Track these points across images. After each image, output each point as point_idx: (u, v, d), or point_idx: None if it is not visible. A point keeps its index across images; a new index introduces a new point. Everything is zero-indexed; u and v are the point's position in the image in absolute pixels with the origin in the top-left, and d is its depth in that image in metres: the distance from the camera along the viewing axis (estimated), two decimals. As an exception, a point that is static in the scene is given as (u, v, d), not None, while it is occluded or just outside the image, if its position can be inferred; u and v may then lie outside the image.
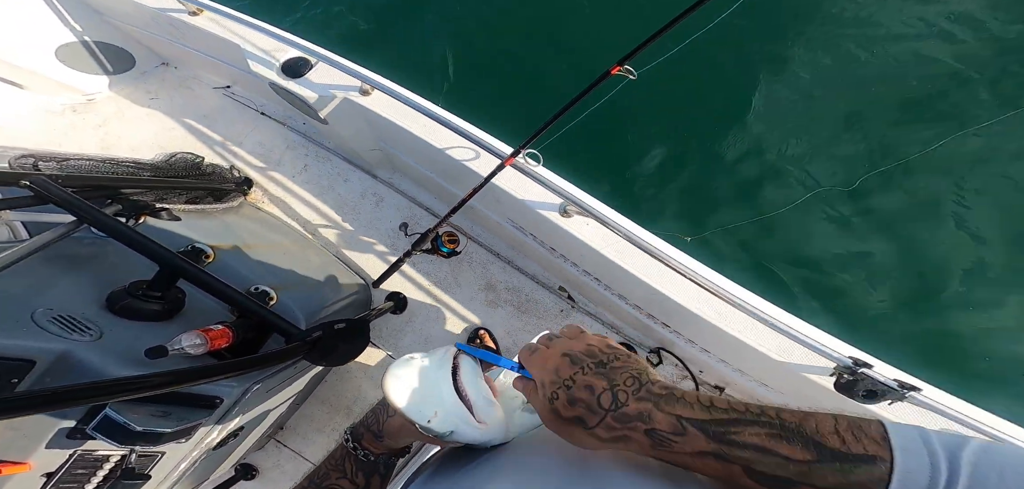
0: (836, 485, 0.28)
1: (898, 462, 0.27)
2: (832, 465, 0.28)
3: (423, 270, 1.73)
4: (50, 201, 0.90)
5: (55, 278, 0.91)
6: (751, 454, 0.30)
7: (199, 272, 0.98)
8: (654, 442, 0.32)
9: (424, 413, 0.37)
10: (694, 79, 2.27)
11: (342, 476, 0.46)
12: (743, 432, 0.30)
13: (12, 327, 0.74)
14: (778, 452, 0.29)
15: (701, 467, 0.31)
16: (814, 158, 2.21)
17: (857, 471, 0.27)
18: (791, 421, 0.30)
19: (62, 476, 0.84)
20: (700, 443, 0.31)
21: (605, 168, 2.22)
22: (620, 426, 0.33)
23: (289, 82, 1.31)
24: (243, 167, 1.83)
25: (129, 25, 1.79)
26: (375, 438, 0.47)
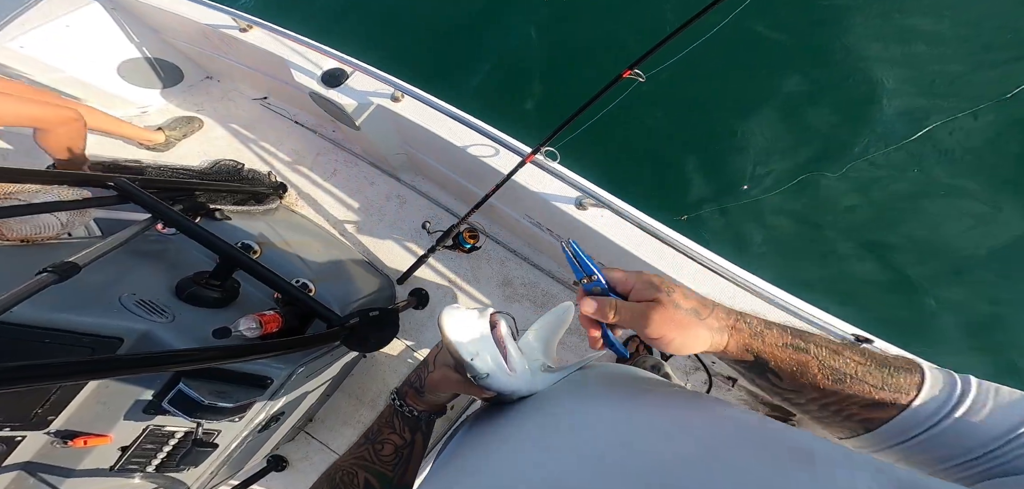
0: (881, 383, 0.36)
1: (928, 373, 0.36)
2: (878, 369, 0.37)
3: (443, 267, 1.82)
4: (132, 200, 1.02)
5: (132, 268, 1.04)
6: (822, 352, 0.38)
7: (255, 263, 1.09)
8: (752, 332, 0.40)
9: (470, 351, 0.43)
10: (702, 80, 2.32)
11: (392, 431, 0.51)
12: (816, 337, 0.40)
13: (105, 309, 0.87)
14: (841, 353, 0.38)
15: (786, 357, 0.39)
16: (819, 152, 2.22)
17: (898, 374, 0.36)
18: (844, 344, 0.40)
19: (135, 451, 0.94)
20: (784, 337, 0.40)
21: (618, 165, 2.29)
22: (726, 318, 0.40)
23: (329, 91, 1.44)
24: (279, 172, 1.97)
25: (182, 42, 1.96)
26: (417, 394, 0.52)
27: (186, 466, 1.05)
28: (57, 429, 0.82)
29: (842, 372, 0.37)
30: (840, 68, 2.30)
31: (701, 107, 2.35)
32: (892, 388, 0.36)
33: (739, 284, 1.08)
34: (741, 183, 2.22)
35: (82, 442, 0.85)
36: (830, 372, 0.37)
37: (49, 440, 0.82)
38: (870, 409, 0.37)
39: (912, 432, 0.35)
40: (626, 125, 2.33)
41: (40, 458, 0.83)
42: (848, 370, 0.37)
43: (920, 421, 0.35)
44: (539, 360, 0.52)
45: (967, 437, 0.33)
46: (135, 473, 0.97)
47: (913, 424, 0.35)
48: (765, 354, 0.39)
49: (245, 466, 1.50)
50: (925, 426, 0.34)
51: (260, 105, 2.10)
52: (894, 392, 0.36)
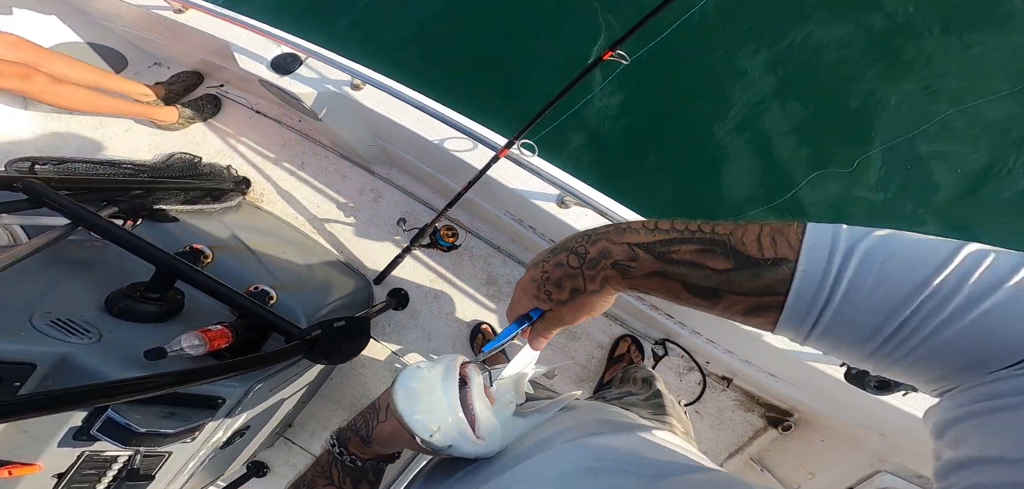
0: (751, 289, 0.30)
1: (801, 262, 0.29)
2: (746, 271, 0.30)
3: (424, 265, 1.73)
4: (44, 204, 0.89)
5: (54, 281, 0.91)
6: (685, 269, 0.33)
7: (196, 273, 0.98)
8: (621, 272, 0.36)
9: (428, 428, 0.37)
10: (687, 63, 2.22)
11: (329, 483, 0.45)
12: (679, 249, 0.33)
13: (12, 331, 0.75)
14: (705, 265, 0.32)
15: (654, 288, 0.35)
16: (813, 138, 2.17)
17: (765, 274, 0.30)
18: (722, 233, 0.32)
19: (73, 476, 0.85)
20: (650, 264, 0.34)
21: (600, 157, 2.19)
22: (595, 272, 0.37)
23: (280, 79, 1.30)
24: (240, 166, 1.82)
25: (118, 25, 1.78)
26: (363, 443, 0.45)
27: (139, 486, 0.96)
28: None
29: (709, 289, 0.32)
30: (836, 52, 2.22)
31: (689, 92, 2.26)
32: (761, 291, 0.30)
33: None
34: (739, 176, 2.14)
35: (7, 472, 0.75)
36: (699, 292, 0.33)
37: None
38: (752, 316, 0.32)
39: (799, 332, 0.30)
40: (609, 113, 2.22)
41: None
42: (713, 284, 0.32)
43: (797, 323, 0.29)
44: (512, 402, 0.47)
45: (858, 323, 0.27)
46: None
47: (793, 325, 0.30)
48: (636, 288, 0.37)
49: (224, 474, 1.42)
50: (806, 325, 0.29)
51: (216, 93, 1.94)
52: (763, 295, 0.30)
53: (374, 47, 2.55)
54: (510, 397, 0.47)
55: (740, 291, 0.31)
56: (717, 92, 2.24)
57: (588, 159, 2.11)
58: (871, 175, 2.10)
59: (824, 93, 2.21)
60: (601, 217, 1.07)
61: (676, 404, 0.80)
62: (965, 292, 0.24)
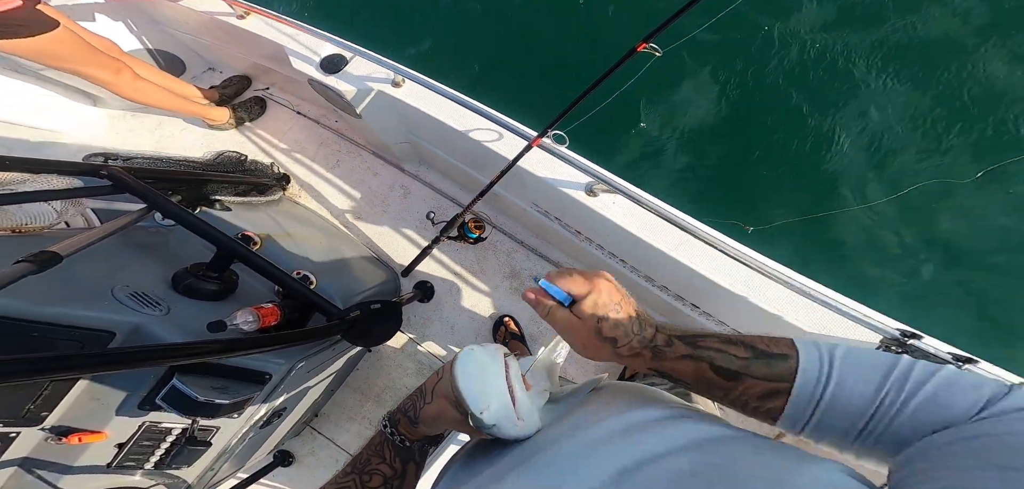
0: (766, 375, 0.39)
1: (801, 357, 0.39)
2: (761, 361, 0.40)
3: (449, 259, 1.78)
4: (126, 190, 0.99)
5: (126, 261, 1.01)
6: (712, 353, 0.41)
7: (252, 255, 1.06)
8: (655, 355, 0.43)
9: (480, 404, 0.40)
10: (722, 57, 2.17)
11: (381, 461, 0.48)
12: (707, 341, 0.42)
13: (96, 301, 0.83)
14: (728, 351, 0.41)
15: (681, 368, 0.43)
16: (857, 141, 2.08)
17: (776, 365, 0.39)
18: (734, 337, 0.43)
19: (131, 447, 0.92)
20: (681, 349, 0.42)
21: (631, 151, 2.16)
22: (639, 347, 0.43)
23: (328, 77, 1.39)
24: (282, 164, 1.94)
25: (181, 32, 1.94)
26: (411, 424, 0.48)
27: (185, 464, 1.03)
28: (51, 426, 0.80)
29: (732, 371, 0.40)
30: (891, 49, 2.11)
31: (725, 86, 2.19)
32: (775, 378, 0.39)
33: (762, 272, 1.00)
34: (779, 181, 2.06)
35: (77, 439, 0.83)
36: (723, 372, 0.41)
37: (43, 436, 0.81)
38: (765, 400, 0.39)
39: (804, 417, 0.38)
40: (640, 106, 2.20)
41: (36, 454, 0.82)
42: (735, 367, 0.40)
43: (803, 407, 0.38)
44: (546, 390, 0.49)
45: (846, 412, 0.36)
46: (134, 470, 0.96)
47: (800, 410, 0.38)
48: (667, 371, 0.43)
49: (250, 461, 1.49)
50: (809, 411, 0.37)
51: (263, 96, 2.07)
52: (777, 381, 0.39)
53: (409, 46, 2.65)
54: (545, 385, 0.49)
55: (757, 376, 0.39)
56: (752, 87, 2.17)
57: (619, 152, 2.10)
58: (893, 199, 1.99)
59: (865, 87, 2.12)
60: (631, 204, 1.08)
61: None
62: (912, 380, 0.34)
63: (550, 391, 0.49)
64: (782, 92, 2.17)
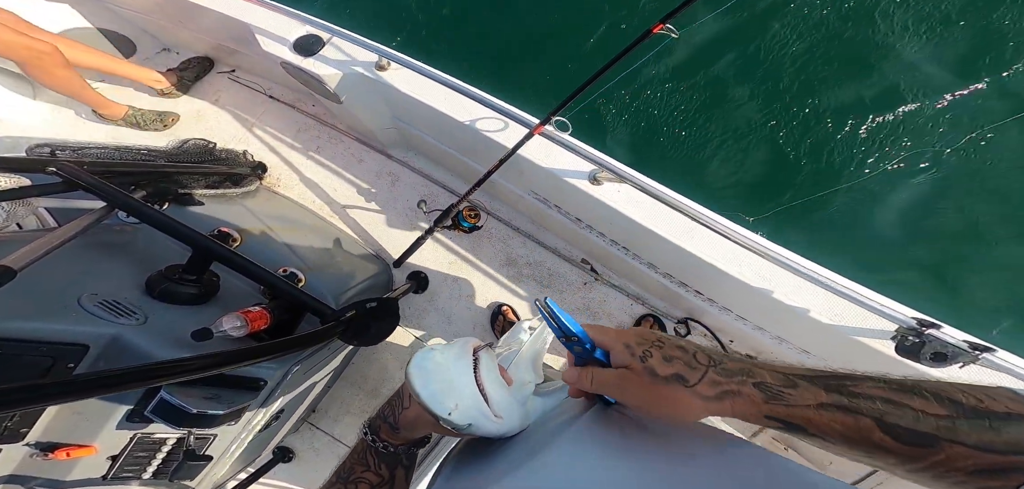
0: (986, 444, 0.26)
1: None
2: (977, 421, 0.26)
3: (443, 248, 1.73)
4: (79, 187, 0.89)
5: (91, 265, 0.91)
6: (882, 405, 0.28)
7: (233, 254, 0.98)
8: (767, 396, 0.30)
9: (445, 406, 0.38)
10: (736, 39, 2.08)
11: (366, 469, 0.46)
12: (861, 385, 0.29)
13: (62, 312, 0.75)
14: (912, 405, 0.27)
15: (826, 422, 0.29)
16: (875, 123, 2.08)
17: (1007, 429, 0.26)
18: (908, 381, 0.28)
19: (125, 459, 0.87)
20: (818, 395, 0.29)
21: (638, 137, 2.08)
22: (725, 380, 0.31)
23: (303, 60, 1.27)
24: (255, 151, 1.80)
25: (129, 9, 1.73)
26: (392, 430, 0.46)
27: (186, 478, 0.98)
28: (35, 441, 0.75)
29: (920, 433, 0.27)
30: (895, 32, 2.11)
31: (736, 69, 2.11)
32: (1006, 448, 0.26)
33: (770, 258, 1.01)
34: (790, 167, 2.03)
35: (65, 454, 0.78)
36: (902, 434, 0.27)
37: (29, 452, 0.75)
38: (984, 478, 0.27)
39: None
40: (644, 93, 2.09)
41: (24, 470, 0.77)
42: (927, 429, 0.27)
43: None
44: (530, 382, 0.47)
45: None
46: (131, 480, 0.91)
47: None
48: (796, 419, 0.30)
49: (253, 460, 1.45)
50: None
51: (228, 79, 1.90)
52: (1010, 454, 0.26)
53: (401, 25, 2.45)
54: (528, 377, 0.48)
55: (972, 443, 0.26)
56: (767, 72, 2.12)
57: (624, 139, 2.02)
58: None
59: (883, 74, 2.11)
60: (636, 192, 1.07)
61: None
62: None
63: (533, 383, 0.48)
64: (795, 73, 2.12)
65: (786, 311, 0.98)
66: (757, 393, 0.31)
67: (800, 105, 2.13)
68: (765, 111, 2.14)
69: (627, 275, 1.56)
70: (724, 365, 0.32)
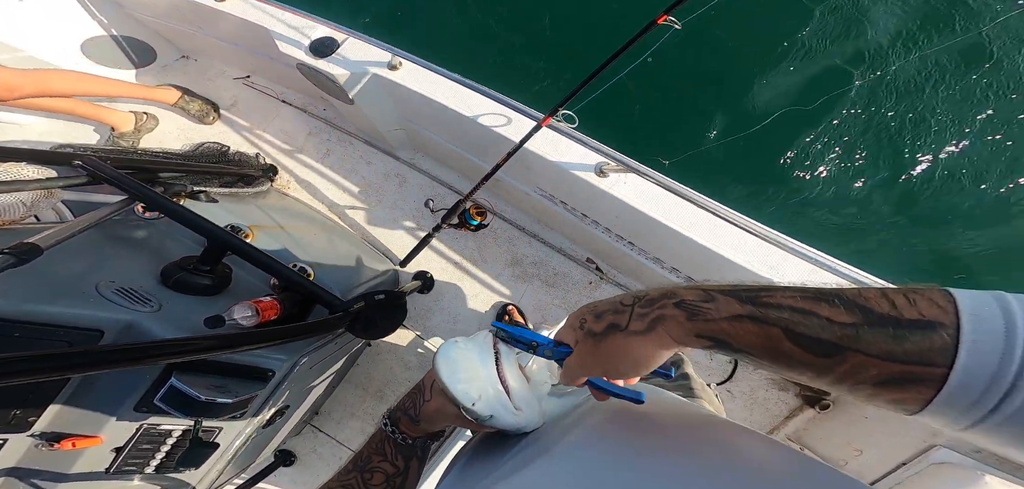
0: (891, 353, 0.24)
1: (965, 328, 0.22)
2: (881, 329, 0.24)
3: (448, 248, 1.74)
4: (105, 180, 0.91)
5: (109, 255, 0.93)
6: (789, 314, 0.27)
7: (247, 246, 1.00)
8: (687, 314, 0.30)
9: (470, 396, 0.39)
10: (741, 28, 2.09)
11: (383, 459, 0.47)
12: (775, 295, 0.28)
13: (80, 298, 0.77)
14: (817, 313, 0.26)
15: (740, 334, 0.28)
16: (878, 122, 2.08)
17: (911, 337, 0.23)
18: (830, 289, 0.27)
19: (130, 451, 0.87)
20: (733, 307, 0.29)
21: (643, 131, 2.10)
22: (650, 309, 0.32)
23: (318, 61, 1.32)
24: (267, 154, 1.85)
25: (150, 17, 1.80)
26: (412, 422, 0.47)
27: (188, 467, 0.98)
28: (41, 431, 0.75)
29: (823, 342, 0.26)
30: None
31: (740, 59, 2.12)
32: (908, 357, 0.24)
33: (783, 247, 1.00)
34: (787, 147, 2.04)
35: (70, 444, 0.78)
36: (810, 346, 0.26)
37: (34, 443, 0.75)
38: (887, 388, 0.25)
39: (972, 416, 0.23)
40: (652, 85, 2.10)
41: (27, 463, 0.77)
42: (830, 337, 0.25)
43: (971, 403, 0.23)
44: (547, 382, 0.47)
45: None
46: (133, 474, 0.90)
47: (965, 406, 0.23)
48: (716, 334, 0.29)
49: (253, 462, 1.44)
50: (984, 409, 0.22)
51: (243, 84, 1.96)
52: (912, 363, 0.24)
53: (410, 27, 2.51)
54: (545, 376, 0.48)
55: (874, 353, 0.24)
56: (778, 57, 2.11)
57: (630, 131, 2.04)
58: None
59: (884, 70, 2.11)
60: (642, 182, 1.07)
61: (706, 387, 0.80)
62: None
63: (549, 383, 0.48)
64: (804, 62, 2.13)
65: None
66: (680, 312, 0.30)
67: (812, 91, 2.11)
68: (770, 97, 2.13)
69: (633, 273, 1.55)
70: (648, 296, 0.33)
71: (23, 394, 0.70)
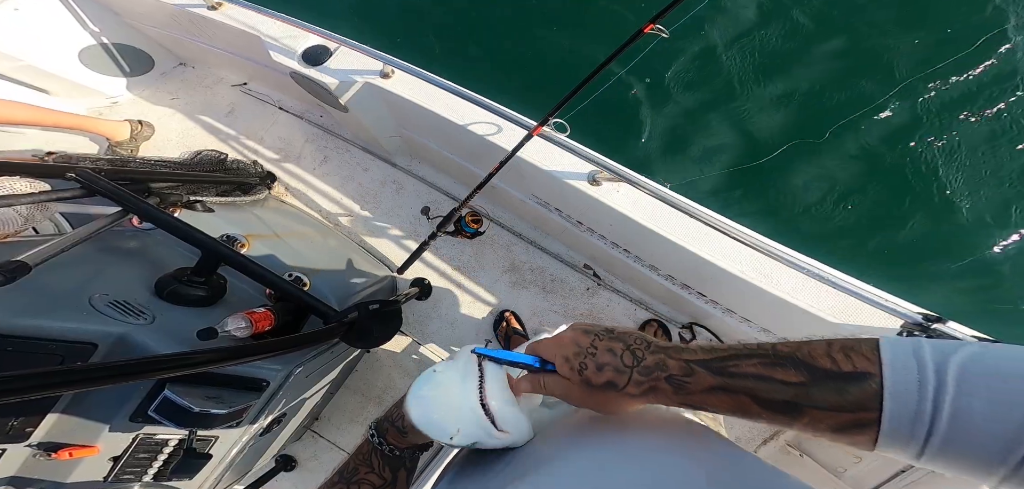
0: (837, 405, 0.29)
1: (886, 377, 0.27)
2: (825, 385, 0.29)
3: (445, 255, 1.74)
4: (96, 192, 0.92)
5: (102, 267, 0.94)
6: (752, 382, 0.31)
7: (239, 257, 1.00)
8: (674, 388, 0.34)
9: (446, 432, 0.38)
10: (729, 35, 2.12)
11: (370, 470, 0.46)
12: (740, 364, 0.32)
13: (73, 311, 0.77)
14: (774, 377, 0.31)
15: (715, 403, 0.33)
16: (868, 117, 2.09)
17: (850, 389, 0.28)
18: (785, 350, 0.32)
19: (127, 460, 0.87)
20: (708, 380, 0.33)
21: (633, 138, 2.13)
22: (645, 379, 0.35)
23: (310, 70, 1.32)
24: (265, 162, 1.85)
25: (147, 25, 1.81)
26: (399, 433, 0.47)
27: (183, 476, 0.98)
28: (38, 441, 0.76)
29: (784, 403, 0.30)
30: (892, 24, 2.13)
31: (730, 66, 2.15)
32: (849, 408, 0.28)
33: (774, 256, 1.00)
34: (777, 149, 2.06)
35: (67, 454, 0.79)
36: (772, 407, 0.31)
37: (31, 452, 0.76)
38: (844, 433, 0.29)
39: (912, 450, 0.27)
40: (642, 92, 2.14)
41: (26, 472, 0.77)
42: (788, 398, 0.30)
43: (905, 439, 0.27)
44: (537, 395, 0.46)
45: (985, 441, 0.25)
46: (131, 483, 0.91)
47: (902, 442, 0.27)
48: (697, 405, 0.34)
49: (253, 467, 1.44)
50: (917, 444, 0.26)
51: (240, 92, 1.97)
52: (854, 412, 0.28)
53: (400, 36, 2.54)
54: None
55: (824, 405, 0.29)
56: (766, 62, 2.14)
57: (622, 140, 2.06)
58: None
59: (876, 66, 2.13)
60: (635, 191, 1.07)
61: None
62: None
63: (541, 395, 0.46)
64: (790, 65, 2.14)
65: (790, 310, 0.97)
66: (669, 387, 0.34)
67: (794, 94, 2.14)
68: (760, 103, 2.15)
69: (630, 279, 1.55)
70: (644, 363, 0.36)
71: (19, 405, 0.70)
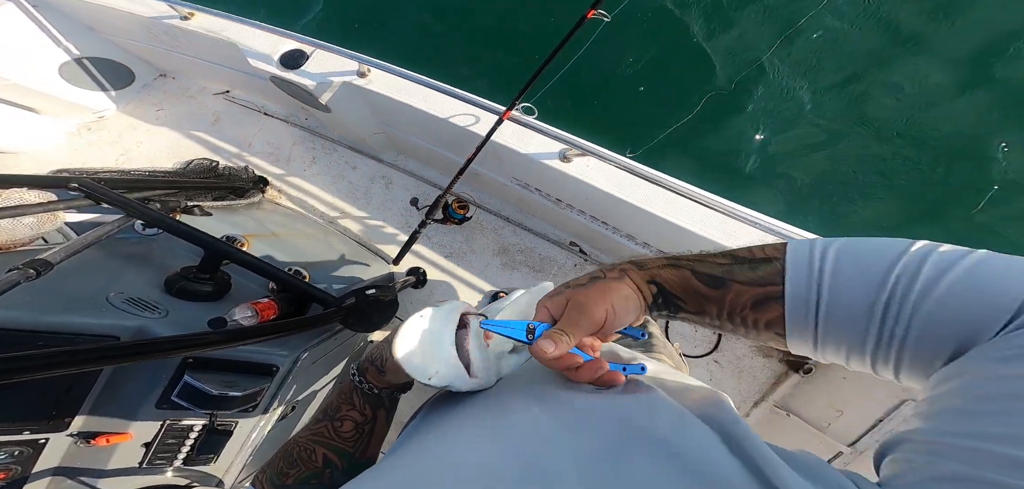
0: (751, 279, 0.37)
1: (788, 260, 0.35)
2: (743, 264, 0.38)
3: (438, 243, 1.82)
4: (101, 200, 0.98)
5: (116, 270, 1.01)
6: (692, 262, 0.41)
7: (241, 253, 1.07)
8: (637, 266, 0.43)
9: (426, 372, 0.41)
10: (667, 15, 2.24)
11: (351, 408, 0.49)
12: (684, 257, 0.43)
13: (94, 308, 0.85)
14: (708, 259, 0.41)
15: (666, 276, 0.42)
16: (803, 80, 2.22)
17: (760, 268, 0.37)
18: (713, 251, 0.42)
19: (157, 446, 0.95)
20: (662, 262, 0.43)
21: (599, 116, 2.24)
22: (616, 268, 0.44)
23: (289, 73, 1.37)
24: (256, 166, 1.91)
25: (123, 38, 1.83)
26: (378, 373, 0.49)
27: (211, 456, 1.06)
28: (78, 430, 0.83)
29: (714, 277, 0.38)
30: None
31: (681, 36, 2.27)
32: (760, 281, 0.36)
33: (738, 218, 1.09)
34: (735, 116, 2.18)
35: (105, 441, 0.85)
36: (706, 280, 0.39)
37: (72, 441, 0.83)
38: (760, 310, 0.36)
39: (808, 326, 0.33)
40: (600, 69, 2.25)
41: (69, 461, 0.84)
42: (717, 272, 0.38)
43: (801, 313, 0.33)
44: (509, 343, 0.49)
45: (851, 315, 0.30)
46: (164, 468, 0.99)
47: (800, 318, 0.33)
48: (656, 278, 0.41)
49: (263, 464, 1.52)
50: (810, 318, 0.33)
51: (224, 99, 2.01)
52: (763, 285, 0.36)
53: (362, 37, 2.60)
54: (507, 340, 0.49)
55: (742, 280, 0.36)
56: (707, 41, 2.26)
57: (585, 116, 2.16)
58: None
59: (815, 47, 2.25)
60: (603, 164, 1.16)
61: (668, 343, 0.84)
62: (929, 265, 0.27)
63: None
64: (728, 33, 2.26)
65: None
66: (632, 266, 0.43)
67: (735, 64, 2.25)
68: (701, 74, 2.24)
69: (613, 251, 1.64)
70: (613, 264, 0.45)
71: (57, 397, 0.78)
